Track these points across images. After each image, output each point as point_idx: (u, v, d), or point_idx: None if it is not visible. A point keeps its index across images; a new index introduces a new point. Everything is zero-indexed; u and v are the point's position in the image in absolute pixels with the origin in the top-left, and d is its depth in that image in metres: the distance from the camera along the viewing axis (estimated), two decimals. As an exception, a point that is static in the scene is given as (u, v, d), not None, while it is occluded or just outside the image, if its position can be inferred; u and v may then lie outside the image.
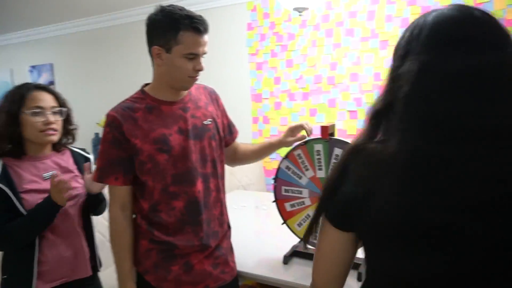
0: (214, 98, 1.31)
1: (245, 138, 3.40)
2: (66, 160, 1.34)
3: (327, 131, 1.21)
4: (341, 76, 2.86)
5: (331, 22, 2.85)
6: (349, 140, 1.21)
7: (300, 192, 1.31)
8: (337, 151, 1.21)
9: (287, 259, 1.32)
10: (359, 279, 1.20)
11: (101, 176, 1.10)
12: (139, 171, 1.09)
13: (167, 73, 1.09)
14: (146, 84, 1.18)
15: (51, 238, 1.20)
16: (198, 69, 1.10)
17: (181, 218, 1.11)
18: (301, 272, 1.28)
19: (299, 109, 3.07)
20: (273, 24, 3.11)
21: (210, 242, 1.16)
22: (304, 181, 1.29)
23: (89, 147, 4.00)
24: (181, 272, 1.11)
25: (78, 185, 1.31)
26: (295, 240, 1.43)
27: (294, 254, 1.37)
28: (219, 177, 1.22)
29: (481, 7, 0.66)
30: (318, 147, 1.26)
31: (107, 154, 1.09)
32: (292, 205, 1.34)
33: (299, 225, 1.33)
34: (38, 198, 1.18)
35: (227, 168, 2.71)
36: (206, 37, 1.08)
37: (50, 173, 1.24)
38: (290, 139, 1.33)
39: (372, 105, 0.67)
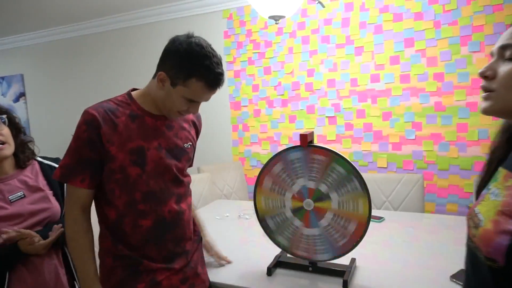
0: (198, 123, 1.29)
1: (225, 147, 3.38)
2: (34, 176, 1.23)
3: (306, 139, 1.20)
4: (318, 82, 2.89)
5: (307, 29, 2.88)
6: (328, 146, 1.21)
7: (286, 216, 1.30)
8: (318, 157, 1.20)
9: (270, 270, 1.30)
10: (344, 286, 1.19)
11: (65, 175, 1.01)
12: (106, 179, 1.03)
13: (162, 99, 1.05)
14: (134, 89, 1.12)
15: (22, 270, 1.11)
16: (191, 112, 1.08)
17: (146, 236, 1.07)
18: (287, 282, 1.26)
19: (278, 116, 3.07)
20: (250, 32, 3.11)
21: (175, 263, 1.12)
22: (288, 203, 1.28)
23: (63, 160, 3.86)
24: None
25: (49, 205, 1.21)
26: (278, 250, 1.42)
27: (277, 264, 1.36)
28: (189, 196, 1.22)
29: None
30: (277, 167, 1.25)
31: (77, 153, 1.00)
32: (283, 236, 1.32)
33: (287, 238, 1.31)
34: (5, 226, 1.08)
35: (208, 176, 2.69)
36: (216, 91, 1.05)
37: (18, 194, 1.15)
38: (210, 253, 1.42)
39: None
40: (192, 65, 0.97)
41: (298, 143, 1.24)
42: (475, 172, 2.46)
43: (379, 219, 1.89)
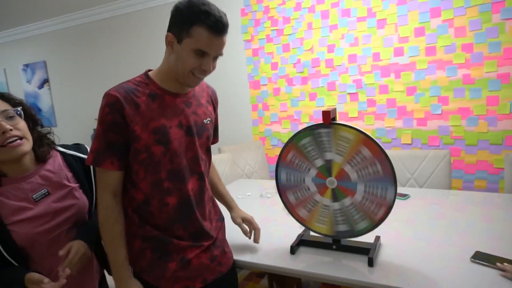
0: (214, 99, 1.27)
1: (245, 126, 3.37)
2: (58, 170, 1.13)
3: (329, 116, 1.17)
4: (339, 58, 2.81)
5: (326, 3, 2.78)
6: (351, 124, 1.17)
7: (308, 189, 1.28)
8: (344, 134, 1.17)
9: (294, 249, 1.30)
10: (370, 264, 1.18)
11: (96, 160, 1.01)
12: (132, 160, 1.04)
13: (174, 63, 1.03)
14: (149, 70, 1.12)
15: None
16: (204, 69, 1.03)
17: (173, 215, 1.09)
18: (310, 260, 1.26)
19: (298, 94, 3.02)
20: (267, 9, 3.03)
21: (203, 240, 1.15)
22: (308, 180, 1.27)
23: (88, 144, 3.97)
24: (178, 268, 1.09)
25: (75, 201, 1.13)
26: (300, 229, 1.41)
27: (300, 243, 1.36)
28: (209, 175, 1.25)
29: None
30: (304, 141, 1.24)
31: (104, 136, 1.01)
32: (307, 209, 1.31)
33: (321, 222, 1.30)
34: (31, 228, 1.03)
35: (229, 157, 2.70)
36: (223, 38, 1.01)
37: (42, 192, 1.08)
38: (238, 221, 1.38)
39: None
40: (191, 13, 0.97)
41: (320, 121, 1.21)
42: (506, 147, 2.36)
43: (404, 196, 1.85)
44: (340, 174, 1.22)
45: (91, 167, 1.21)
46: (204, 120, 1.16)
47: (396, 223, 1.51)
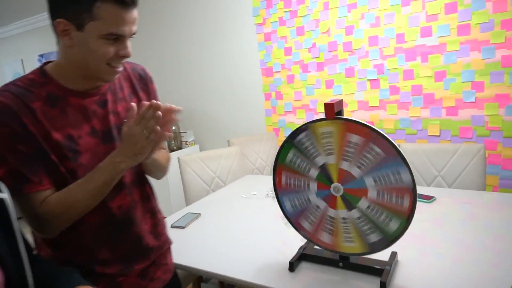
0: (143, 83, 1.02)
1: (258, 117, 3.18)
2: None
3: (332, 110, 0.96)
4: (358, 41, 2.53)
5: (344, -21, 2.51)
6: (367, 116, 0.96)
7: (318, 207, 1.08)
8: (323, 130, 0.96)
9: (293, 265, 1.11)
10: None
11: (17, 185, 0.78)
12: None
13: (80, 57, 0.80)
14: (47, 62, 0.88)
15: None
16: (122, 55, 0.82)
17: (96, 236, 0.89)
18: (312, 279, 1.07)
19: (314, 82, 2.78)
20: (280, -12, 2.79)
21: (134, 264, 0.95)
22: (313, 197, 1.06)
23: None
24: None
25: None
26: (303, 240, 1.22)
27: (302, 257, 1.16)
28: (145, 183, 1.01)
29: None
30: (289, 156, 1.01)
31: (12, 154, 0.78)
32: (325, 230, 1.10)
33: (330, 232, 1.10)
34: None
35: (237, 150, 2.53)
36: (135, 12, 0.80)
37: None
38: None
39: None
40: None
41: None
42: (551, 140, 2.05)
43: (429, 199, 1.61)
44: (341, 175, 1.01)
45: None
46: (125, 120, 0.92)
47: (417, 234, 1.29)
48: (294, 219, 1.14)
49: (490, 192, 1.70)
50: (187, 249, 1.34)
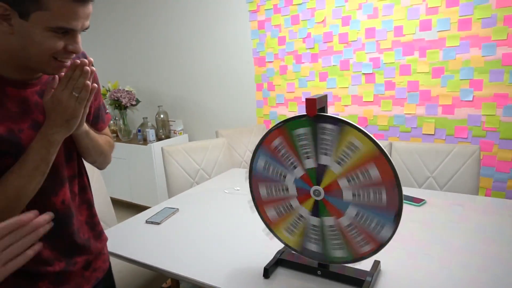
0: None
1: (248, 108, 3.08)
2: None
3: (314, 106, 0.87)
4: (354, 32, 2.43)
5: (343, -34, 2.39)
6: (357, 113, 0.86)
7: (286, 190, 0.99)
8: (353, 140, 0.87)
9: (268, 271, 1.03)
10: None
11: None
12: None
13: (19, 47, 0.70)
14: None
15: None
16: (72, 51, 0.73)
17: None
18: (285, 286, 0.99)
19: (307, 73, 2.68)
20: (275, -27, 2.66)
21: (77, 258, 0.90)
22: (290, 179, 0.97)
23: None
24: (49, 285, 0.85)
25: None
26: (281, 244, 1.14)
27: (278, 263, 1.08)
28: (84, 174, 0.94)
29: None
30: (300, 130, 0.92)
31: None
32: (278, 211, 1.03)
33: (289, 231, 1.03)
34: None
35: (225, 142, 2.44)
36: (90, 7, 0.72)
37: None
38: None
39: None
40: None
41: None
42: (549, 143, 1.97)
43: (419, 202, 1.53)
44: (332, 186, 0.92)
45: None
46: None
47: (405, 241, 1.21)
48: (255, 178, 1.05)
49: (482, 197, 1.63)
50: (160, 248, 1.26)
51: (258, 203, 1.06)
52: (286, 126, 0.93)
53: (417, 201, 1.53)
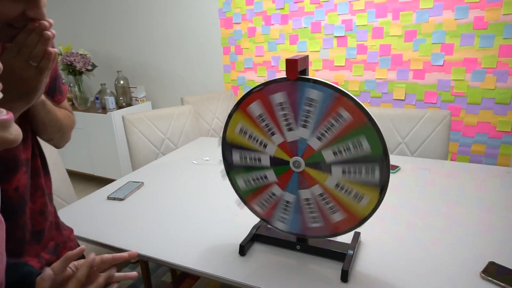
0: None
1: (215, 73, 2.91)
2: None
3: (296, 67, 0.77)
4: (327, -9, 2.30)
5: None
6: (332, 76, 0.77)
7: (260, 162, 0.90)
8: (312, 94, 0.78)
9: (244, 249, 0.96)
10: (343, 278, 0.85)
11: None
12: None
13: None
14: None
15: None
16: (33, 17, 0.58)
17: None
18: (265, 263, 0.93)
19: (277, 36, 2.54)
20: None
21: (42, 252, 0.81)
22: (269, 150, 0.88)
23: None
24: None
25: None
26: (257, 219, 1.07)
27: (255, 238, 1.02)
28: (37, 156, 0.82)
29: None
30: (279, 95, 0.82)
31: None
32: (247, 182, 0.94)
33: (261, 206, 0.95)
34: None
35: (191, 109, 2.30)
36: None
37: None
38: None
39: None
40: None
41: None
42: (514, 108, 2.02)
43: (394, 168, 1.51)
44: (313, 157, 0.84)
45: None
46: None
47: (382, 209, 1.18)
48: (247, 199, 0.97)
49: (448, 161, 1.64)
50: (124, 227, 1.15)
51: (231, 173, 0.97)
52: (266, 90, 0.83)
53: (392, 168, 1.51)
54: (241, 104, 0.87)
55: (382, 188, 0.79)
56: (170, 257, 0.97)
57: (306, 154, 0.84)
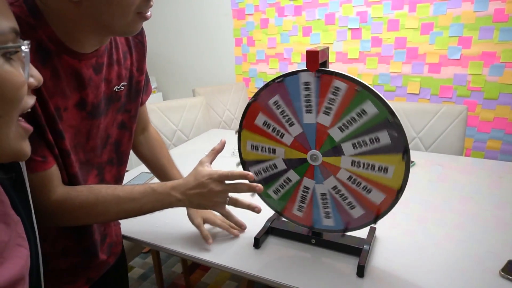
0: (138, 38, 0.82)
1: (227, 65, 2.90)
2: None
3: (317, 59, 0.75)
4: (342, -18, 2.26)
5: None
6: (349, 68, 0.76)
7: (274, 152, 0.89)
8: (338, 84, 0.77)
9: (259, 241, 0.96)
10: (359, 273, 0.85)
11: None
12: None
13: (95, 15, 0.57)
14: None
15: None
16: None
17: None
18: (280, 257, 0.93)
19: (290, 27, 2.52)
20: None
21: (101, 255, 0.84)
22: (287, 140, 0.87)
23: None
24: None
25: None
26: (271, 211, 1.06)
27: (269, 231, 1.01)
28: (123, 162, 0.84)
29: None
30: (298, 87, 0.80)
31: None
32: (259, 172, 0.93)
33: (276, 191, 0.94)
34: None
35: (202, 101, 2.29)
36: None
37: None
38: (197, 221, 1.01)
39: None
40: None
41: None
42: (533, 104, 1.97)
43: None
44: (326, 143, 0.83)
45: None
46: (116, 87, 0.74)
47: (399, 204, 1.17)
48: (284, 211, 0.97)
49: (463, 157, 1.62)
50: (137, 217, 1.16)
51: (248, 164, 0.96)
52: (284, 81, 0.82)
53: (406, 163, 1.49)
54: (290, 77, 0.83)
55: (404, 151, 0.76)
56: (185, 249, 0.98)
57: (318, 141, 0.83)
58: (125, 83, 0.77)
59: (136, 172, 1.52)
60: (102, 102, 0.71)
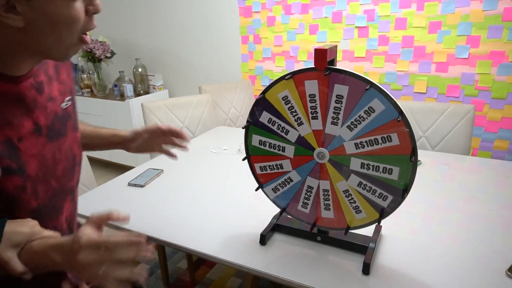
0: None
1: (233, 62, 2.90)
2: None
3: (325, 57, 0.75)
4: (349, -20, 2.25)
5: None
6: (356, 67, 0.76)
7: (283, 150, 0.90)
8: (339, 90, 0.77)
9: (265, 238, 0.97)
10: (365, 271, 0.85)
11: None
12: None
13: (40, 38, 0.54)
14: None
15: None
16: (94, 12, 0.58)
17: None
18: (285, 253, 0.94)
19: (296, 25, 2.51)
20: None
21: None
22: (292, 137, 0.87)
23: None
24: None
25: None
26: (276, 208, 1.07)
27: (275, 228, 1.02)
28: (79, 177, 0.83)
29: None
30: (306, 85, 0.80)
31: None
32: (263, 168, 0.94)
33: (275, 190, 0.95)
34: None
35: (209, 98, 2.30)
36: None
37: None
38: (135, 144, 0.99)
39: None
40: None
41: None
42: (541, 103, 1.95)
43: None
44: (338, 151, 0.83)
45: None
46: (62, 104, 0.71)
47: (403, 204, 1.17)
48: (254, 159, 0.96)
49: (469, 157, 1.61)
50: (145, 213, 1.17)
51: (253, 160, 0.96)
52: (293, 79, 0.82)
53: (412, 162, 1.49)
54: (298, 75, 0.82)
55: (412, 151, 0.77)
56: (192, 244, 0.99)
57: (335, 151, 0.83)
58: (69, 97, 0.74)
59: (142, 168, 1.53)
60: (55, 123, 0.68)
